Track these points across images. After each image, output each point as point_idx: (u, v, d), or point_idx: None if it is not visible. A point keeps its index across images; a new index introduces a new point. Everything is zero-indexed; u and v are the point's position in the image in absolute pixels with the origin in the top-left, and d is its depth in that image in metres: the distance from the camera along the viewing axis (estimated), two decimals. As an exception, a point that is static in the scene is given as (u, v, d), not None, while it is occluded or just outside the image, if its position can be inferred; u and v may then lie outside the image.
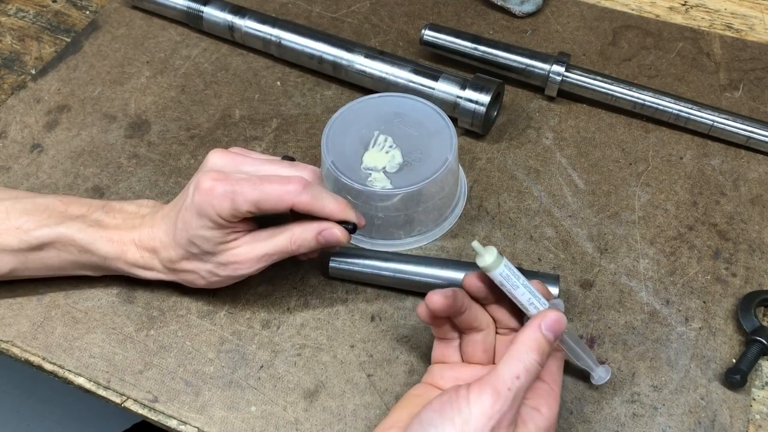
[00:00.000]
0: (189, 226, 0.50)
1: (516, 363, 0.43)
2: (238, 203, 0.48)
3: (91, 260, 0.54)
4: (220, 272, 0.52)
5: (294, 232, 0.50)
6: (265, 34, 0.73)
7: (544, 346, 0.44)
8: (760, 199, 0.63)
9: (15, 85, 0.74)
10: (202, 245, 0.50)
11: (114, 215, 0.55)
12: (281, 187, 0.48)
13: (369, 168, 0.58)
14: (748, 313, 0.55)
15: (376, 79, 0.69)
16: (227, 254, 0.51)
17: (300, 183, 0.48)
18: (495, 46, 0.71)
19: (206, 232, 0.49)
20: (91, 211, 0.55)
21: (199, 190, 0.48)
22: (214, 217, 0.48)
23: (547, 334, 0.44)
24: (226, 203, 0.48)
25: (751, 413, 0.52)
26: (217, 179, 0.48)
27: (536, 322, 0.44)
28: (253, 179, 0.48)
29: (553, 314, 0.45)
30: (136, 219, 0.54)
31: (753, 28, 0.78)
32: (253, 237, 0.51)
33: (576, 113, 0.70)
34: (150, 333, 0.56)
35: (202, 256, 0.51)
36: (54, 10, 0.82)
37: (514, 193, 0.64)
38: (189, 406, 0.52)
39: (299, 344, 0.55)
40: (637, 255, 0.59)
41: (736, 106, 0.70)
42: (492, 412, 0.40)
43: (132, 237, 0.53)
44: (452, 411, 0.41)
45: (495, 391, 0.41)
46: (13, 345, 0.55)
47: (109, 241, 0.53)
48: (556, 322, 0.45)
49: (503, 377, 0.42)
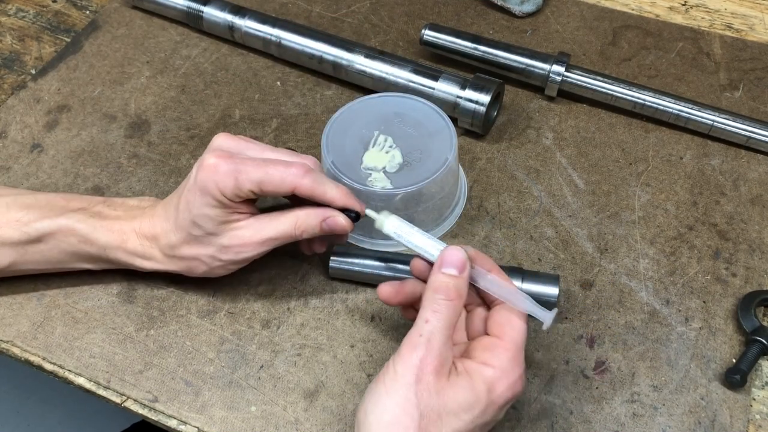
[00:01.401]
0: (192, 205, 0.50)
1: (423, 309, 0.44)
2: (241, 182, 0.48)
3: (90, 251, 0.54)
4: (222, 256, 0.51)
5: (299, 216, 0.50)
6: (265, 34, 0.73)
7: (448, 283, 0.44)
8: (760, 199, 0.63)
9: (15, 85, 0.74)
10: (205, 225, 0.50)
11: (115, 207, 0.55)
12: (284, 169, 0.49)
13: (369, 168, 0.58)
14: (748, 313, 0.55)
15: (376, 79, 0.69)
16: (230, 235, 0.50)
17: (302, 168, 0.49)
18: (495, 46, 0.71)
19: (209, 210, 0.49)
20: (92, 204, 0.55)
21: (203, 168, 0.49)
22: (218, 195, 0.48)
23: (447, 270, 0.45)
24: (230, 181, 0.48)
25: (751, 413, 0.52)
26: (221, 157, 0.49)
27: (436, 264, 0.46)
28: (257, 161, 0.49)
29: (449, 250, 0.46)
30: (137, 210, 0.55)
31: (753, 28, 0.78)
32: (256, 220, 0.51)
33: (576, 113, 0.70)
34: (150, 333, 0.56)
35: (203, 238, 0.51)
36: (54, 10, 0.82)
37: (514, 193, 0.64)
38: (189, 406, 0.52)
39: (299, 344, 0.55)
40: (637, 255, 0.59)
41: (736, 106, 0.70)
42: (411, 361, 0.42)
43: (132, 226, 0.53)
44: (383, 374, 0.43)
45: (410, 342, 0.43)
46: (13, 345, 0.55)
47: (109, 231, 0.53)
48: (452, 256, 0.45)
49: (415, 327, 0.43)
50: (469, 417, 0.42)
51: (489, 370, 0.43)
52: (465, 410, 0.42)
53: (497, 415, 0.44)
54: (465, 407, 0.42)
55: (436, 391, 0.41)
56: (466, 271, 0.45)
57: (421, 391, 0.41)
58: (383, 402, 0.42)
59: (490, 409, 0.43)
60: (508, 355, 0.44)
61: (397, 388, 0.42)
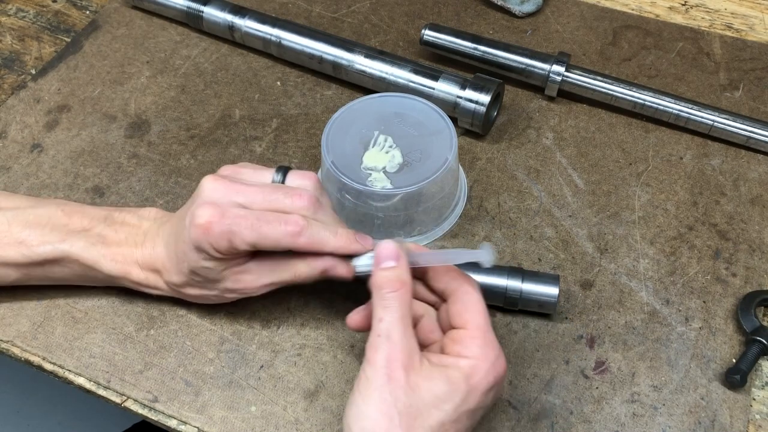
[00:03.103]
0: (188, 258, 0.49)
1: (374, 309, 0.44)
2: (235, 243, 0.47)
3: (97, 277, 0.54)
4: (227, 296, 0.52)
5: (298, 268, 0.50)
6: (265, 34, 0.73)
7: (389, 275, 0.45)
8: (760, 199, 0.63)
9: (15, 85, 0.74)
10: (206, 275, 0.50)
11: (116, 229, 0.54)
12: (280, 228, 0.47)
13: (369, 168, 0.58)
14: (748, 313, 0.55)
15: (376, 79, 0.69)
16: (232, 279, 0.50)
17: (297, 225, 0.47)
18: (495, 46, 0.71)
19: (207, 263, 0.49)
20: (93, 224, 0.54)
21: (195, 226, 0.47)
22: (213, 253, 0.48)
23: (384, 264, 0.45)
24: (224, 243, 0.47)
25: (751, 413, 0.52)
26: (213, 216, 0.47)
27: (374, 264, 0.46)
28: (250, 218, 0.47)
29: (380, 247, 0.46)
30: (139, 235, 0.53)
31: (753, 28, 0.78)
32: (257, 265, 0.50)
33: (576, 113, 0.70)
34: (150, 333, 0.56)
35: (206, 284, 0.51)
36: (54, 10, 0.82)
37: (514, 193, 0.64)
38: (189, 406, 0.52)
39: (299, 344, 0.55)
40: (637, 255, 0.59)
41: (736, 106, 0.70)
42: (378, 363, 0.42)
43: (135, 257, 0.53)
44: (357, 382, 0.43)
45: (371, 345, 0.43)
46: (13, 345, 0.55)
47: (112, 261, 0.53)
48: (385, 250, 0.46)
49: (373, 329, 0.43)
50: (450, 406, 0.42)
51: (463, 361, 0.43)
52: (444, 401, 0.42)
53: (484, 401, 0.43)
54: (443, 398, 0.42)
55: (411, 387, 0.41)
56: (402, 258, 0.46)
57: (395, 390, 0.41)
58: (361, 410, 0.41)
59: (473, 395, 0.42)
60: (477, 342, 0.44)
61: (371, 393, 0.41)
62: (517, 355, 0.54)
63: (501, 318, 0.56)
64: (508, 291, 0.54)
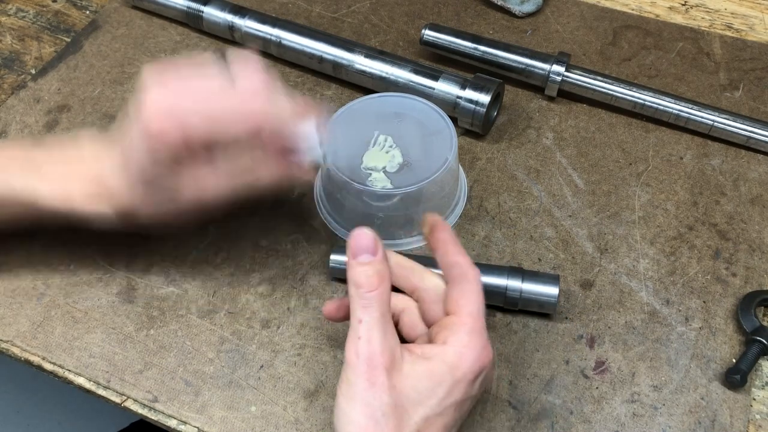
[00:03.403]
0: (139, 159, 0.46)
1: (353, 309, 0.43)
2: (188, 132, 0.45)
3: (34, 207, 0.51)
4: (184, 209, 0.49)
5: (259, 170, 0.48)
6: (265, 34, 0.73)
7: (367, 271, 0.43)
8: (760, 199, 0.63)
9: (15, 85, 0.74)
10: (160, 181, 0.47)
11: (49, 149, 0.51)
12: (237, 115, 0.46)
13: (369, 168, 0.58)
14: (748, 313, 0.55)
15: (376, 79, 0.69)
16: (188, 186, 0.48)
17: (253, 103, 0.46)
18: (495, 46, 0.71)
19: (160, 162, 0.46)
20: (23, 151, 0.51)
21: (144, 112, 0.45)
22: (167, 150, 0.45)
23: (360, 259, 0.43)
24: (178, 137, 0.45)
25: (751, 413, 0.52)
26: (160, 102, 0.45)
27: (349, 256, 0.44)
28: (200, 102, 0.45)
29: (355, 237, 0.44)
30: (78, 151, 0.51)
31: (753, 28, 0.78)
32: (215, 168, 0.48)
33: (576, 113, 0.70)
34: (150, 333, 0.56)
35: (159, 194, 0.48)
36: (54, 9, 0.82)
37: (514, 193, 0.64)
38: (189, 406, 0.52)
39: (299, 344, 0.55)
40: (637, 255, 0.59)
41: (736, 106, 0.70)
42: (359, 367, 0.41)
43: (77, 173, 0.50)
44: (340, 387, 0.42)
45: (351, 348, 0.42)
46: (13, 345, 0.55)
47: (49, 182, 0.50)
48: (361, 241, 0.43)
49: (352, 330, 0.42)
50: (434, 401, 0.41)
51: (449, 349, 0.42)
52: (428, 396, 0.41)
53: (470, 392, 0.43)
54: (427, 393, 0.41)
55: (394, 387, 0.41)
56: (379, 249, 0.44)
57: (378, 393, 0.40)
58: (347, 415, 0.41)
59: (460, 386, 0.42)
60: (465, 329, 0.43)
61: (354, 397, 0.41)
62: (517, 355, 0.54)
63: (501, 318, 0.56)
64: (508, 291, 0.54)
